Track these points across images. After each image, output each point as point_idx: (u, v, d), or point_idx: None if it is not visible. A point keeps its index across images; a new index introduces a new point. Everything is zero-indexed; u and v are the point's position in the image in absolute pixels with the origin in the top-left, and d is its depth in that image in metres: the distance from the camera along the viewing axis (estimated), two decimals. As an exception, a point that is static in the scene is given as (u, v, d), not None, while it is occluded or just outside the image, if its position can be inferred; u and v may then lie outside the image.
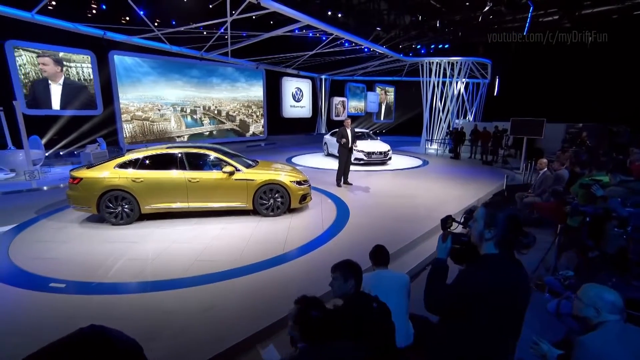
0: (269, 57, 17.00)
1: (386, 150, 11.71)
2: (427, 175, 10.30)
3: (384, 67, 20.61)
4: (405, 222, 5.85)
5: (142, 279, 3.82)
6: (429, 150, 16.92)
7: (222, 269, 4.08)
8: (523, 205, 7.12)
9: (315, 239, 5.02)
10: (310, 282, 3.69)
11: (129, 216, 5.69)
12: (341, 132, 8.37)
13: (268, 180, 6.09)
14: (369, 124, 27.15)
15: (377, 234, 5.18)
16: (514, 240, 1.52)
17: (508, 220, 1.53)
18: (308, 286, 3.47)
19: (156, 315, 3.15)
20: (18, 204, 6.90)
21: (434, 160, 13.81)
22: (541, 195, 7.05)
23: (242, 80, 18.96)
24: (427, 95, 18.09)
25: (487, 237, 1.56)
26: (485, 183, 9.11)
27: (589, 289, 1.86)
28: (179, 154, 5.93)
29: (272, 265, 4.20)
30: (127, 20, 10.58)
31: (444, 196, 7.65)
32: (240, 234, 5.29)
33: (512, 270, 1.52)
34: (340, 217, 6.13)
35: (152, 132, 15.41)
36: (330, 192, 7.90)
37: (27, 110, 11.58)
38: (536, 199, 7.00)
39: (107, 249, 4.65)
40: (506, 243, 1.52)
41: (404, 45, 18.48)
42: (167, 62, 15.37)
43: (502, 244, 1.53)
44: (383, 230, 5.44)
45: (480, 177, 10.17)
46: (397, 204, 6.96)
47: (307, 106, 22.65)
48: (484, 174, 10.78)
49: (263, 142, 19.24)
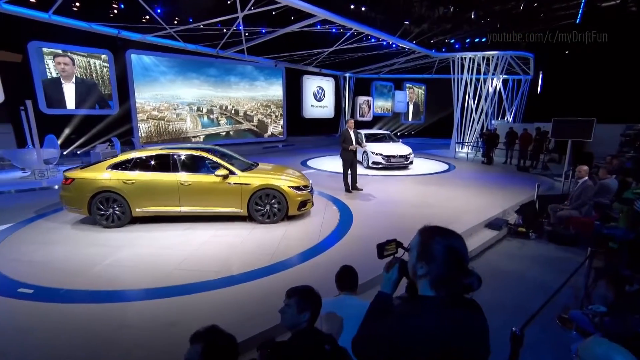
0: (289, 55, 17.04)
1: (407, 154, 11.27)
2: (450, 182, 9.76)
3: (412, 64, 20.04)
4: (413, 234, 5.46)
5: (113, 287, 3.79)
6: (459, 154, 16.15)
7: (201, 280, 3.97)
8: (557, 219, 6.49)
9: (306, 251, 4.81)
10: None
11: (120, 219, 5.77)
12: (344, 135, 8.12)
13: (264, 184, 5.95)
14: (396, 125, 26.53)
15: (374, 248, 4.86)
16: (453, 281, 1.22)
17: (447, 254, 1.22)
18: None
19: (112, 328, 3.07)
20: (23, 203, 7.27)
21: (463, 166, 13.12)
22: (580, 208, 6.39)
23: (261, 79, 19.16)
24: (459, 94, 17.31)
25: (419, 274, 1.26)
26: (515, 192, 8.46)
27: (594, 346, 1.49)
28: (172, 155, 5.95)
29: (253, 278, 4.03)
30: (140, 19, 10.99)
31: (464, 206, 7.15)
32: (230, 242, 5.19)
33: (457, 318, 1.21)
34: (341, 226, 5.87)
35: (168, 132, 15.92)
36: (338, 199, 7.66)
37: (47, 110, 12.35)
38: (573, 213, 6.35)
39: (90, 253, 4.71)
40: (443, 283, 1.22)
41: (436, 40, 17.77)
42: (184, 60, 15.84)
43: (438, 285, 1.23)
44: (385, 243, 5.11)
45: (511, 184, 9.47)
46: (408, 214, 6.59)
47: (329, 106, 22.50)
48: (517, 181, 10.04)
49: (281, 143, 19.30)
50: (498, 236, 5.95)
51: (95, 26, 10.70)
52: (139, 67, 14.55)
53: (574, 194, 6.55)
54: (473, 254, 5.21)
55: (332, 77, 22.07)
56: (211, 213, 5.96)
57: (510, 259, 5.23)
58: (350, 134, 8.10)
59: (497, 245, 5.76)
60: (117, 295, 3.63)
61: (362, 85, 23.83)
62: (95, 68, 13.40)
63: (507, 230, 6.22)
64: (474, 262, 5.06)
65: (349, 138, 8.07)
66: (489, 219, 6.33)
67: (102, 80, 13.54)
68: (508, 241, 5.95)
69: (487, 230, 6.08)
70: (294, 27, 11.99)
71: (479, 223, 6.11)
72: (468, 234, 5.70)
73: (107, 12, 11.15)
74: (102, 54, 13.25)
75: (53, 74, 12.50)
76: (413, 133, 27.98)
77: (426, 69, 21.77)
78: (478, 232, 5.94)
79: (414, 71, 22.27)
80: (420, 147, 19.50)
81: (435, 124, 25.91)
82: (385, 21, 15.19)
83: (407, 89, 26.65)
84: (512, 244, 5.84)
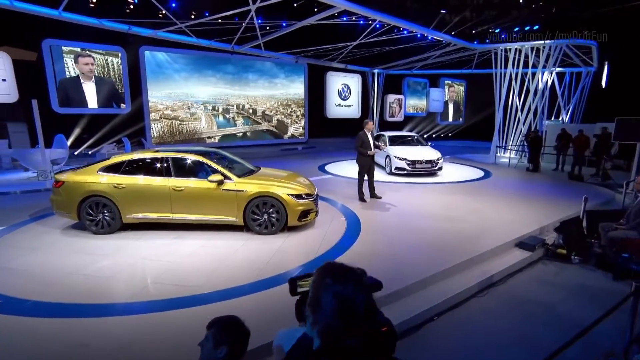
0: (311, 50, 17.01)
1: (435, 159, 10.84)
2: (483, 192, 9.23)
3: (449, 57, 19.38)
4: (426, 252, 5.17)
5: (83, 300, 3.82)
6: (500, 160, 15.34)
7: (175, 295, 3.92)
8: (609, 240, 5.88)
9: (297, 268, 4.64)
10: (257, 325, 3.31)
11: (110, 225, 5.90)
12: (361, 138, 7.87)
13: (261, 192, 5.87)
14: (431, 127, 25.82)
15: (379, 267, 4.63)
16: (340, 337, 1.01)
17: (336, 303, 1.02)
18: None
19: (67, 347, 3.07)
20: (23, 204, 7.68)
21: (502, 173, 12.41)
22: (639, 229, 5.75)
23: (281, 76, 19.35)
24: (501, 91, 16.48)
25: (308, 322, 1.07)
26: (561, 205, 7.81)
27: None
28: (165, 158, 6.02)
29: (230, 296, 3.92)
30: (150, 13, 11.41)
31: (493, 220, 6.69)
32: (219, 254, 5.14)
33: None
34: (345, 240, 5.66)
35: (181, 133, 16.41)
36: (349, 209, 7.45)
37: (59, 109, 13.14)
38: (630, 234, 5.72)
39: (71, 261, 4.82)
40: (329, 337, 1.02)
41: (478, 29, 17.01)
42: (200, 57, 16.30)
43: (324, 338, 1.03)
44: (390, 261, 4.86)
45: (558, 196, 8.78)
46: (425, 228, 6.26)
47: (355, 105, 22.29)
48: (566, 192, 9.30)
49: (301, 145, 19.33)
50: (531, 258, 5.47)
51: (105, 22, 11.25)
52: (152, 64, 15.15)
53: (632, 210, 5.92)
54: (496, 277, 4.80)
55: (359, 74, 21.86)
56: (204, 221, 5.95)
57: (542, 287, 4.76)
58: (368, 136, 7.86)
59: (529, 268, 5.29)
60: (83, 309, 3.65)
61: (393, 82, 23.40)
62: (112, 66, 14.11)
63: (543, 252, 5.71)
64: (496, 287, 4.66)
65: (366, 142, 7.83)
66: (522, 237, 5.85)
67: (116, 78, 14.22)
68: (543, 265, 5.45)
69: (517, 250, 5.62)
70: (311, 19, 11.94)
71: (508, 241, 5.67)
72: (493, 254, 5.28)
73: (117, 7, 11.66)
74: (114, 51, 13.93)
75: (72, 72, 13.30)
76: (450, 135, 27.10)
77: (465, 63, 21.00)
78: (506, 252, 5.49)
79: (451, 66, 21.56)
80: (456, 151, 18.80)
81: (477, 125, 24.92)
82: (419, 10, 14.79)
83: (445, 86, 25.87)
84: (547, 268, 5.35)
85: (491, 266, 4.96)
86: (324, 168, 12.88)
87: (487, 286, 4.62)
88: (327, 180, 10.69)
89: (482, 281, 4.59)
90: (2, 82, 12.07)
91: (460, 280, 4.51)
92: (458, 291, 4.27)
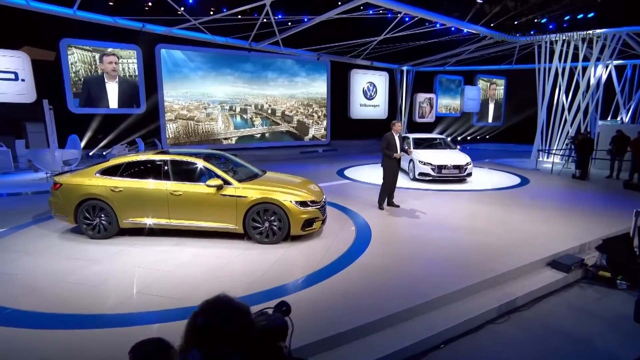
0: (333, 46, 16.92)
1: (463, 164, 10.42)
2: (517, 201, 8.73)
3: (485, 52, 18.70)
4: (440, 268, 4.88)
5: (60, 309, 3.83)
6: (543, 165, 14.56)
7: (157, 308, 3.88)
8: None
9: (291, 283, 4.49)
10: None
11: (106, 230, 6.00)
12: (387, 139, 7.66)
13: (262, 198, 5.78)
14: (465, 128, 25.06)
15: (383, 283, 4.42)
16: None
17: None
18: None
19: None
20: (28, 206, 8.00)
21: (542, 179, 11.74)
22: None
23: (302, 74, 19.39)
24: (545, 88, 15.65)
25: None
26: (608, 219, 7.22)
27: None
28: (164, 161, 6.06)
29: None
30: (163, 10, 11.73)
31: (525, 234, 6.27)
32: (213, 264, 5.10)
33: None
34: (351, 252, 5.47)
35: (197, 133, 16.76)
36: (362, 217, 7.26)
37: (75, 109, 13.76)
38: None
39: (61, 267, 4.91)
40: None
41: (521, 20, 16.21)
42: (217, 55, 16.61)
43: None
44: (396, 277, 4.63)
45: (606, 208, 8.15)
46: (444, 240, 5.95)
47: (381, 105, 21.98)
48: (617, 204, 8.62)
49: (322, 148, 19.25)
50: (565, 280, 5.04)
51: (119, 20, 11.68)
52: (168, 63, 15.59)
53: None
54: (520, 302, 4.44)
55: (386, 71, 21.56)
56: (202, 228, 5.94)
57: (577, 315, 4.35)
58: (395, 138, 7.65)
59: (561, 293, 4.87)
60: (57, 320, 3.66)
61: (423, 79, 22.88)
62: (126, 66, 14.67)
63: (581, 273, 5.25)
64: (518, 313, 4.31)
65: (393, 144, 7.64)
66: (556, 255, 5.42)
67: (132, 76, 14.76)
68: (580, 289, 5.01)
69: (548, 270, 5.20)
70: (331, 13, 11.84)
71: (538, 259, 5.26)
72: (518, 274, 4.91)
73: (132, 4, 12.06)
74: (130, 49, 14.45)
75: (84, 72, 13.94)
76: (488, 138, 26.16)
77: (504, 57, 20.21)
78: (534, 271, 5.09)
79: (488, 61, 20.80)
80: (493, 155, 18.10)
81: (517, 127, 23.90)
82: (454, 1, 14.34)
83: (483, 83, 25.01)
84: (585, 293, 4.90)
85: (515, 288, 4.60)
86: (342, 172, 12.71)
87: (507, 311, 4.27)
88: (343, 186, 10.52)
89: (503, 305, 4.25)
90: (21, 82, 12.79)
91: (476, 303, 4.19)
92: (472, 315, 3.96)
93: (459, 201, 8.82)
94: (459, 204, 8.58)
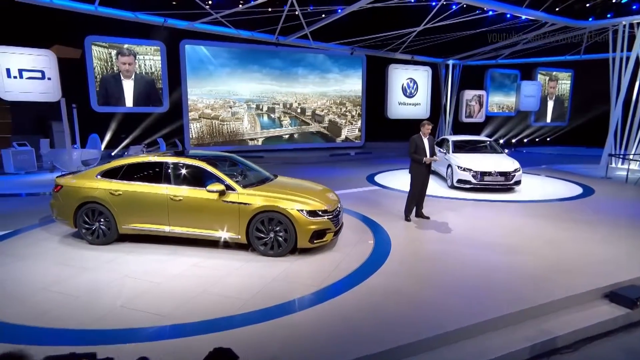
0: (368, 38, 16.55)
1: (510, 171, 9.74)
2: (573, 216, 7.97)
3: (547, 41, 17.47)
4: (463, 294, 4.45)
5: (33, 322, 3.82)
6: (615, 172, 13.36)
7: (135, 325, 3.80)
8: None
9: (289, 303, 4.26)
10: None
11: (105, 235, 6.07)
12: (415, 142, 7.29)
13: (266, 206, 5.60)
14: (521, 129, 23.77)
15: (393, 309, 4.08)
16: None
17: None
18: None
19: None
20: (39, 207, 8.37)
21: (611, 190, 10.70)
22: None
23: (334, 71, 19.24)
24: (621, 82, 14.32)
25: None
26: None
27: None
28: (166, 163, 6.06)
29: (182, 334, 3.64)
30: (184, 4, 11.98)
31: (577, 257, 5.64)
32: (209, 276, 4.99)
33: None
34: (364, 269, 5.18)
35: (221, 134, 17.04)
36: (384, 229, 6.93)
37: (98, 108, 14.41)
38: None
39: (50, 274, 4.99)
40: None
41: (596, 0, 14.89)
42: (244, 51, 16.83)
43: None
44: (410, 303, 4.27)
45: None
46: (475, 261, 5.48)
47: (423, 103, 21.35)
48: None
49: (354, 150, 18.94)
50: (627, 318, 4.38)
51: (140, 15, 12.08)
52: (192, 59, 15.97)
53: None
54: (561, 342, 3.91)
55: (429, 66, 20.91)
56: (203, 237, 5.87)
57: (635, 362, 3.77)
58: (424, 141, 7.29)
59: (621, 334, 4.24)
60: (25, 334, 3.65)
61: (472, 74, 21.93)
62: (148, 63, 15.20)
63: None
64: (559, 356, 3.80)
65: (421, 147, 7.29)
66: (616, 286, 4.76)
67: (154, 74, 15.27)
68: (646, 330, 4.37)
69: (605, 303, 4.57)
70: (363, 2, 11.56)
71: (592, 289, 4.65)
72: (563, 306, 4.37)
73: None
74: (154, 46, 14.95)
75: (105, 70, 14.59)
76: (549, 140, 24.65)
77: (570, 47, 18.84)
78: (586, 304, 4.50)
79: (550, 51, 19.44)
80: (552, 159, 16.95)
81: (585, 127, 22.25)
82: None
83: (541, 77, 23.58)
84: (652, 335, 4.26)
85: (556, 324, 4.07)
86: (373, 178, 12.36)
87: (543, 353, 3.77)
88: (371, 193, 10.19)
89: (538, 344, 3.76)
90: (47, 80, 13.57)
91: (503, 340, 3.74)
92: (496, 355, 3.52)
93: (501, 213, 8.22)
94: (501, 216, 7.98)
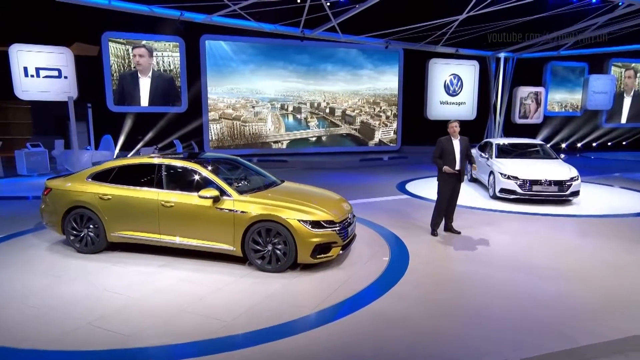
0: (405, 29, 16.03)
1: (565, 179, 9.03)
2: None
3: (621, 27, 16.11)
4: (487, 327, 4.01)
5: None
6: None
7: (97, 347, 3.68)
8: None
9: (270, 328, 3.99)
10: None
11: (94, 243, 6.08)
12: (441, 146, 6.83)
13: (264, 214, 5.39)
14: (588, 131, 22.37)
15: (393, 341, 3.72)
16: None
17: None
18: None
19: None
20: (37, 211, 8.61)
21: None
22: None
23: (368, 67, 18.97)
24: None
25: None
26: None
27: None
28: (158, 166, 6.00)
29: None
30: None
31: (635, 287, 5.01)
32: (194, 293, 4.84)
33: None
34: (370, 291, 4.87)
35: (243, 136, 17.15)
36: (404, 244, 6.56)
37: (114, 107, 14.90)
38: None
39: (30, 286, 5.01)
40: None
41: None
42: (269, 46, 16.91)
43: None
44: (417, 334, 3.89)
45: None
46: (509, 285, 5.03)
47: (468, 102, 20.65)
48: None
49: (387, 155, 18.51)
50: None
51: (155, 9, 12.35)
52: (214, 56, 16.20)
53: None
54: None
55: (476, 60, 20.17)
56: (194, 247, 5.74)
57: None
58: (453, 144, 6.77)
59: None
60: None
61: (527, 68, 20.86)
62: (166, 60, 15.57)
63: None
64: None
65: (449, 152, 6.76)
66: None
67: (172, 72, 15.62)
68: None
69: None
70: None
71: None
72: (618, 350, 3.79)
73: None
74: (174, 41, 15.29)
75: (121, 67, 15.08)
76: (625, 144, 23.15)
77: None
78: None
79: (627, 38, 17.86)
80: (627, 167, 15.86)
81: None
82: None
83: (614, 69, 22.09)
84: None
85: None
86: (404, 186, 11.95)
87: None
88: (399, 203, 9.81)
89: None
90: (64, 79, 14.18)
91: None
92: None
93: (552, 230, 7.59)
94: (552, 234, 7.37)
